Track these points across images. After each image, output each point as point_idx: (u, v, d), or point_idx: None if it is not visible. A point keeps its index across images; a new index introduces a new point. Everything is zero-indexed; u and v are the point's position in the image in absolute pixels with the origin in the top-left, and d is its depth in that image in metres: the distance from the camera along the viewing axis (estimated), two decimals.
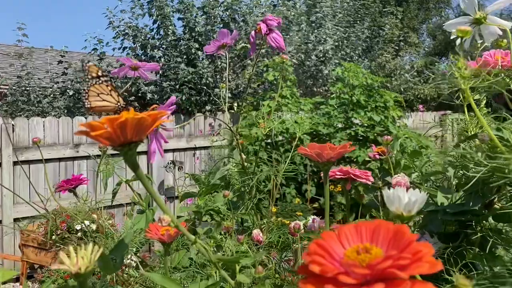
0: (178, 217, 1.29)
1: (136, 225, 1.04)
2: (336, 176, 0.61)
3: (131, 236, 1.02)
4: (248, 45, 0.86)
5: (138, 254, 1.11)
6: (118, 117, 0.41)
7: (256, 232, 0.80)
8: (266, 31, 0.71)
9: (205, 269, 1.10)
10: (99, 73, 0.72)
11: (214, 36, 4.27)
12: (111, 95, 0.72)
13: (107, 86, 0.72)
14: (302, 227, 0.73)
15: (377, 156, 1.28)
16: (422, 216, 0.67)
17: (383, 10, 5.53)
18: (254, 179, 0.80)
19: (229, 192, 0.82)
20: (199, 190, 1.22)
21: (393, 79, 5.14)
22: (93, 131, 0.41)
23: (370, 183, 0.62)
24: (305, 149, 0.48)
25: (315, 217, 0.76)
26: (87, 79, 0.72)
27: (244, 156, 0.98)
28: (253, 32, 0.74)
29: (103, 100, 0.72)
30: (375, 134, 4.14)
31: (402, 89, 5.20)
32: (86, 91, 0.72)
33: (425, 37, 9.53)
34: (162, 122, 0.44)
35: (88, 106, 0.73)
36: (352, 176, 0.60)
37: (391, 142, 0.73)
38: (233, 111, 3.73)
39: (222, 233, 1.13)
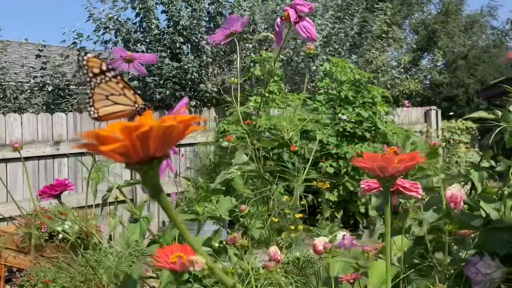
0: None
1: (131, 236, 0.94)
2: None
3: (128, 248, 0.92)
4: (270, 34, 0.76)
5: None
6: (138, 126, 0.31)
7: (273, 250, 0.71)
8: (295, 19, 0.61)
9: (204, 282, 1.01)
10: (103, 67, 0.53)
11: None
12: (124, 94, 0.54)
13: (117, 83, 0.53)
14: (327, 244, 0.65)
15: None
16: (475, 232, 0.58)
17: (374, 6, 5.49)
18: (275, 190, 0.71)
19: (245, 207, 0.72)
20: (198, 195, 1.13)
21: (379, 75, 5.11)
22: (103, 144, 0.31)
23: (419, 196, 0.53)
24: (362, 161, 0.39)
25: (345, 233, 0.67)
26: (88, 79, 0.53)
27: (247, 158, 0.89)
28: (278, 20, 0.64)
29: (115, 103, 0.54)
30: (363, 130, 4.10)
31: (388, 85, 5.17)
32: (90, 95, 0.53)
33: (408, 32, 9.56)
34: (194, 130, 0.34)
35: (96, 115, 0.54)
36: (401, 189, 0.51)
37: (438, 147, 0.64)
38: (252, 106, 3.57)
39: (224, 243, 1.04)
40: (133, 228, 0.96)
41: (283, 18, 0.65)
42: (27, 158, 3.26)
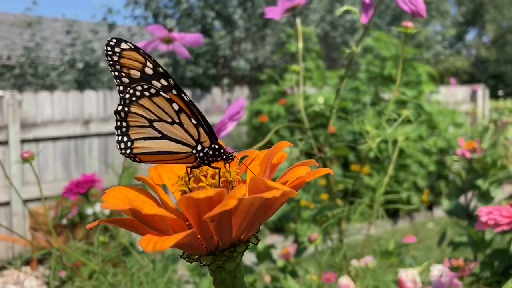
0: None
1: None
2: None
3: None
4: (352, 8, 0.58)
5: None
6: (212, 198, 0.14)
7: (345, 283, 0.55)
8: None
9: None
10: (148, 70, 0.29)
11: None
12: (180, 123, 0.29)
13: (169, 100, 0.29)
14: (418, 280, 0.47)
15: (468, 155, 1.01)
16: None
17: None
18: (351, 208, 0.54)
19: (317, 235, 0.56)
20: None
21: (423, 49, 4.78)
22: (147, 224, 0.16)
23: None
24: None
25: (441, 267, 0.50)
26: (119, 86, 0.29)
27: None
28: None
29: (163, 136, 0.29)
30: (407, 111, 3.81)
31: (433, 62, 4.85)
32: (122, 114, 0.29)
33: (452, 4, 9.00)
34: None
35: (128, 151, 0.29)
36: None
37: None
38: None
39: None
40: None
41: None
42: (57, 138, 3.19)
